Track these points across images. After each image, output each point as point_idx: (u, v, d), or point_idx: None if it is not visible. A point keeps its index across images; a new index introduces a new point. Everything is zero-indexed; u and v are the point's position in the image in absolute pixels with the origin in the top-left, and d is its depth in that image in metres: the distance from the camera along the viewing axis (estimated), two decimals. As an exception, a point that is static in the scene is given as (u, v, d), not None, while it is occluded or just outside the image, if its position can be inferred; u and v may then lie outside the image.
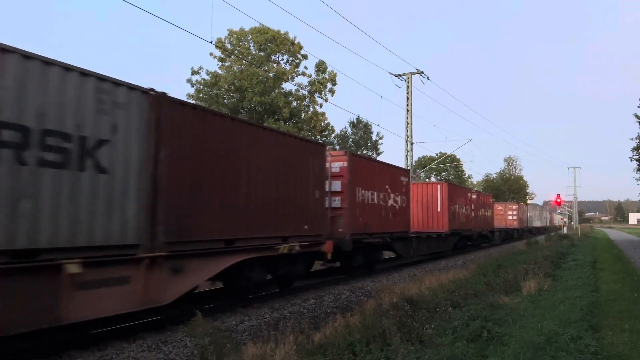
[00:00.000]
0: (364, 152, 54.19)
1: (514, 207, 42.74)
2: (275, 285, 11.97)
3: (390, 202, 16.78)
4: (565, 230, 50.67)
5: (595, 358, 5.60)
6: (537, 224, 55.06)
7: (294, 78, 36.79)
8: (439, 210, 22.09)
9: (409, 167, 31.63)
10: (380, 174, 16.13)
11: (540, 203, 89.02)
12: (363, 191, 14.71)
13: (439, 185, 22.60)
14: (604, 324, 7.35)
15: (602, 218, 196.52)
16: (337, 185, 13.84)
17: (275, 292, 11.71)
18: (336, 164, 13.93)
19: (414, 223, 21.28)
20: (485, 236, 31.24)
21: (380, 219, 15.81)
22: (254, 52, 35.68)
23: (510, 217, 41.74)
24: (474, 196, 28.09)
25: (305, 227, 11.48)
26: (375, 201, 15.58)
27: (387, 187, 16.51)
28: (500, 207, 41.72)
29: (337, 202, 13.75)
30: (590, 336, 6.43)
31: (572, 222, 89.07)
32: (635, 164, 28.28)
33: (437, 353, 5.70)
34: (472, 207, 27.10)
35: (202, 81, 35.16)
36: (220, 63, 35.48)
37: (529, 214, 48.35)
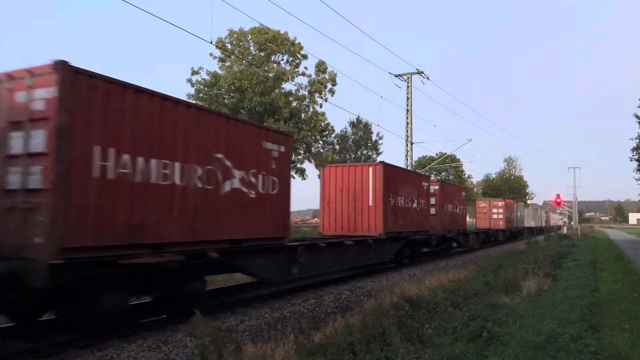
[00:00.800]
0: (364, 152, 54.23)
1: (500, 204, 37.06)
2: None
3: (174, 177, 7.94)
4: (565, 230, 50.70)
5: (595, 358, 5.60)
6: (530, 224, 50.20)
7: (294, 78, 36.80)
8: (370, 204, 15.69)
9: (408, 167, 31.59)
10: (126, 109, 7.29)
11: (540, 203, 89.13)
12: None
13: (371, 168, 15.97)
14: (604, 324, 7.35)
15: (602, 218, 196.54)
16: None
17: (275, 292, 11.69)
18: None
19: (338, 223, 16.09)
20: (454, 240, 24.87)
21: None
22: (254, 52, 35.70)
23: (495, 217, 36.29)
24: (436, 187, 21.70)
25: None
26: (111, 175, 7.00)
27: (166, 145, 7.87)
28: (483, 204, 37.24)
29: None
30: (590, 336, 6.44)
31: (572, 222, 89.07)
32: (635, 164, 28.33)
33: (437, 353, 5.71)
34: (432, 202, 20.73)
35: (202, 81, 35.19)
36: (220, 63, 35.52)
37: (519, 213, 43.31)
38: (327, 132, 40.74)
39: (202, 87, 35.10)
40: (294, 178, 41.58)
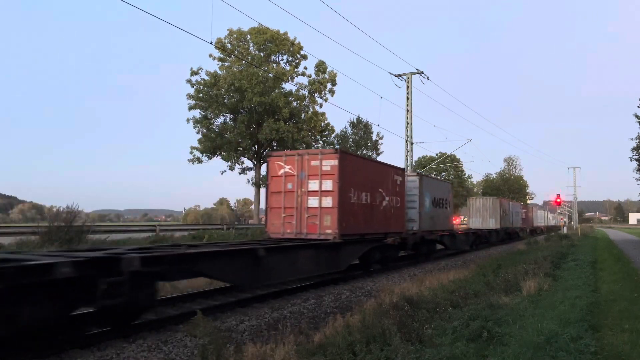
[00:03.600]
0: (364, 152, 54.34)
1: (328, 164, 12.99)
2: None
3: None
4: (565, 230, 50.64)
5: (595, 358, 5.60)
6: (489, 224, 32.39)
7: (293, 78, 36.80)
8: None
9: (408, 167, 31.59)
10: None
11: (540, 203, 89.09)
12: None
13: None
14: (604, 324, 7.35)
15: (602, 218, 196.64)
16: None
17: (275, 291, 11.70)
18: None
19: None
20: None
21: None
22: (253, 52, 35.68)
23: (312, 201, 13.12)
24: None
25: None
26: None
27: None
28: (285, 168, 13.63)
29: None
30: (590, 336, 6.43)
31: (572, 222, 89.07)
32: (635, 164, 28.36)
33: (437, 353, 5.70)
34: None
35: (202, 81, 35.17)
36: (220, 63, 35.51)
37: (428, 200, 20.45)
38: (327, 132, 40.74)
39: (201, 87, 35.10)
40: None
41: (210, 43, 16.69)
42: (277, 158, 14.07)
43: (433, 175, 26.55)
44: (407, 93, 32.59)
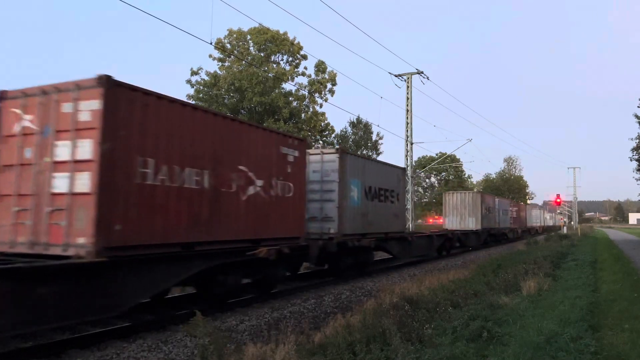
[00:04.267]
0: (364, 152, 54.42)
1: (91, 110, 6.85)
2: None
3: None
4: (565, 230, 50.62)
5: (595, 358, 5.60)
6: (469, 224, 27.63)
7: (293, 78, 36.79)
8: None
9: (408, 167, 31.59)
10: None
11: (540, 203, 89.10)
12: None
13: None
14: (603, 324, 7.35)
15: (602, 218, 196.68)
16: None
17: (275, 292, 11.70)
18: None
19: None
20: None
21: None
22: (253, 52, 35.70)
23: (59, 186, 6.89)
24: None
25: None
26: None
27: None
28: (21, 116, 7.41)
29: None
30: (590, 336, 6.43)
31: (572, 222, 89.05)
32: (635, 164, 28.35)
33: (437, 353, 5.70)
34: None
35: (202, 82, 35.17)
36: (220, 63, 35.51)
37: (357, 193, 14.41)
38: (327, 132, 40.73)
39: (201, 87, 35.10)
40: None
41: (210, 43, 16.69)
42: (13, 101, 7.65)
43: (370, 156, 16.82)
44: (407, 93, 32.59)
